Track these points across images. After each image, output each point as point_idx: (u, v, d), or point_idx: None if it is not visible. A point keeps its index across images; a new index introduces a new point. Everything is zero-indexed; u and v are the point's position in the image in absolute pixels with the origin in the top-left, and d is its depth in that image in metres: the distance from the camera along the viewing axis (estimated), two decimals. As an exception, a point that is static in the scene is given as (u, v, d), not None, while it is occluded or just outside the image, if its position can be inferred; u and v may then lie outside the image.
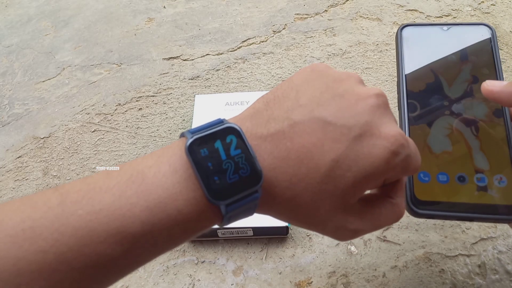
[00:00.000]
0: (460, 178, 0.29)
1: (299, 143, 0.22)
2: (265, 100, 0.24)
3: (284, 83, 0.25)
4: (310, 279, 0.39)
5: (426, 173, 0.30)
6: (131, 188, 0.21)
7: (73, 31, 0.69)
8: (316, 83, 0.24)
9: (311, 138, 0.22)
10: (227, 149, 0.22)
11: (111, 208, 0.21)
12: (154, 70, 0.61)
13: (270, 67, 0.59)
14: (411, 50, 0.33)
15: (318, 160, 0.22)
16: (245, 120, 0.24)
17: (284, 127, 0.23)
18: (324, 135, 0.22)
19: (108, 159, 0.51)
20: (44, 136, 0.55)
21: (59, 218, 0.20)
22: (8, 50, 0.68)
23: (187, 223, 0.22)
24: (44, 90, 0.61)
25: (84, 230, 0.20)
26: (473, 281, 0.37)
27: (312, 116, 0.23)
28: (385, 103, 0.24)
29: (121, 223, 0.20)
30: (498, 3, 0.63)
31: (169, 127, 0.53)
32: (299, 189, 0.22)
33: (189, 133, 0.22)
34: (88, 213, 0.20)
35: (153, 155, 0.23)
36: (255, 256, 0.41)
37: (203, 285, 0.39)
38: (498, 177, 0.29)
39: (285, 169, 0.22)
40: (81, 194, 0.21)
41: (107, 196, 0.21)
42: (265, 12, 0.68)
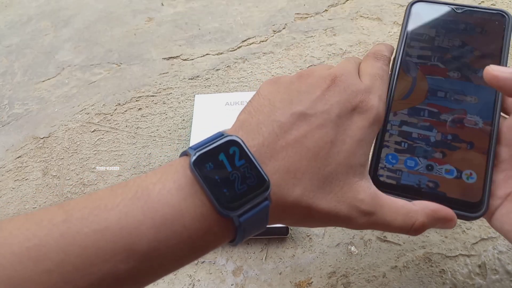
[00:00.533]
0: (428, 166, 0.28)
1: (292, 139, 0.24)
2: (247, 111, 0.26)
3: (254, 98, 0.27)
4: (310, 280, 0.39)
5: (395, 155, 0.28)
6: (137, 206, 0.21)
7: (73, 31, 0.69)
8: (281, 89, 0.26)
9: (300, 132, 0.24)
10: (232, 161, 0.22)
11: (117, 226, 0.20)
12: (154, 70, 0.61)
13: (270, 67, 0.58)
14: (417, 26, 0.32)
15: (313, 148, 0.24)
16: (237, 131, 0.25)
17: (275, 129, 0.24)
18: (309, 126, 0.24)
19: (108, 159, 0.51)
20: (44, 136, 0.55)
21: (64, 236, 0.20)
22: (8, 50, 0.68)
23: (194, 240, 0.22)
24: (44, 90, 0.60)
25: (90, 249, 0.20)
26: (474, 281, 0.37)
27: (292, 113, 0.25)
28: (347, 79, 0.27)
29: (127, 241, 0.20)
30: (499, 3, 0.63)
31: (169, 127, 0.53)
32: (306, 180, 0.23)
33: (191, 149, 0.23)
34: (94, 231, 0.20)
35: (156, 172, 0.23)
36: (255, 256, 0.41)
37: (203, 285, 0.39)
38: (468, 172, 0.27)
39: (288, 168, 0.23)
40: (86, 211, 0.21)
41: (112, 213, 0.21)
42: (265, 11, 0.68)
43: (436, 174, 0.28)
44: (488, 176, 0.27)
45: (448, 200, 0.27)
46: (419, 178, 0.28)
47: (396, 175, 0.28)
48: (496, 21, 0.31)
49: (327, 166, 0.24)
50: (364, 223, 0.25)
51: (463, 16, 0.32)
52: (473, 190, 0.27)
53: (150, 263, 0.21)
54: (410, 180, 0.28)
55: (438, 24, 0.32)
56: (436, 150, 0.28)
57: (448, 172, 0.27)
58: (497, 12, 0.31)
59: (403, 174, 0.28)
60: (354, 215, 0.24)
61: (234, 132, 0.25)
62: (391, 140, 0.29)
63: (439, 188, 0.27)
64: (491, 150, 0.28)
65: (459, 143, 0.28)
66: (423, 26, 0.32)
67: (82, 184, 0.49)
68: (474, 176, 0.27)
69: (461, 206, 0.27)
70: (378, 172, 0.28)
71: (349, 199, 0.24)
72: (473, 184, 0.27)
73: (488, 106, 0.29)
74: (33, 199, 0.48)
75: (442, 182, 0.27)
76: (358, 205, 0.24)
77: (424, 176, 0.28)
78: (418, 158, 0.28)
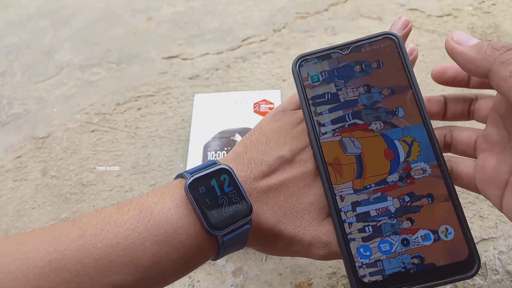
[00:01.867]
0: (404, 241, 0.25)
1: (275, 178, 0.27)
2: (244, 145, 0.29)
3: (256, 129, 0.30)
4: (310, 280, 0.38)
5: (366, 245, 0.25)
6: (142, 223, 0.24)
7: (72, 30, 0.69)
8: (280, 130, 0.30)
9: (283, 174, 0.28)
10: (221, 187, 0.26)
11: (126, 242, 0.23)
12: (153, 69, 0.61)
13: (270, 66, 0.58)
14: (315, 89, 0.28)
15: (291, 187, 0.27)
16: (230, 162, 0.28)
17: (263, 168, 0.28)
18: (291, 169, 0.28)
19: (107, 159, 0.51)
20: (43, 136, 0.54)
21: (81, 250, 0.22)
22: (7, 50, 0.67)
23: (189, 255, 0.25)
24: (43, 90, 0.60)
25: (104, 261, 0.22)
26: (474, 281, 0.37)
27: (281, 156, 0.28)
28: None
29: (135, 255, 0.23)
30: (499, 3, 0.63)
31: (168, 126, 0.53)
32: (281, 213, 0.27)
33: (187, 173, 0.26)
34: (106, 246, 0.23)
35: (156, 193, 0.26)
36: (255, 257, 0.40)
37: (203, 286, 0.39)
38: (444, 228, 0.25)
39: (267, 200, 0.27)
40: (99, 227, 0.23)
41: (121, 230, 0.23)
42: (265, 11, 0.67)
43: (415, 246, 0.25)
44: (463, 223, 0.25)
45: (441, 271, 0.24)
46: (402, 259, 0.24)
47: (378, 268, 0.25)
48: (387, 48, 0.28)
49: (301, 204, 0.27)
50: (325, 254, 0.27)
51: (353, 56, 0.28)
52: (457, 246, 0.24)
53: (153, 276, 0.24)
54: (394, 266, 0.24)
55: (332, 76, 0.28)
56: (402, 219, 0.25)
57: (425, 239, 0.25)
58: (383, 36, 0.28)
59: (384, 263, 0.25)
60: (315, 244, 0.27)
61: (226, 162, 0.28)
62: (353, 229, 0.25)
63: (426, 261, 0.24)
64: (452, 193, 0.25)
65: (419, 201, 0.25)
66: (321, 86, 0.28)
67: (81, 184, 0.49)
68: (451, 231, 0.25)
69: (455, 269, 0.24)
70: (359, 273, 0.24)
71: (315, 231, 0.27)
72: (454, 240, 0.25)
73: (426, 145, 0.26)
74: (33, 199, 0.48)
75: (425, 252, 0.24)
76: (320, 236, 0.27)
77: (405, 254, 0.25)
78: (389, 238, 0.25)
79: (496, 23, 0.60)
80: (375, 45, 0.28)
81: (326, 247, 0.26)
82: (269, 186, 0.27)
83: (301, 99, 0.28)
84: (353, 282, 0.24)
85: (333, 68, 0.28)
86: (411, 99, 0.27)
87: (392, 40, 0.28)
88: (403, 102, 0.27)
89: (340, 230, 0.26)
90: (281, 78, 0.57)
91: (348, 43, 0.29)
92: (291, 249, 0.27)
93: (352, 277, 0.25)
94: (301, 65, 0.29)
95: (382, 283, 0.24)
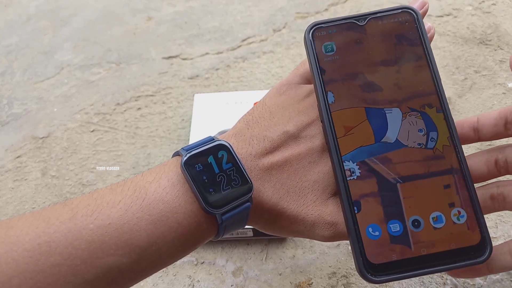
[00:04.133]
0: (415, 222, 0.24)
1: (278, 155, 0.26)
2: (245, 121, 0.28)
3: (259, 105, 0.29)
4: (310, 280, 0.38)
5: (375, 225, 0.24)
6: (136, 203, 0.23)
7: (72, 30, 0.69)
8: (285, 104, 0.28)
9: (287, 150, 0.26)
10: (220, 164, 0.24)
11: (120, 222, 0.22)
12: (153, 69, 0.61)
13: (270, 66, 0.58)
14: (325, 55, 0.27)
15: (295, 164, 0.26)
16: (230, 138, 0.27)
17: (265, 144, 0.26)
18: (296, 145, 0.27)
19: (107, 159, 0.51)
20: (43, 136, 0.54)
21: (72, 232, 0.21)
22: (7, 50, 0.67)
23: (186, 235, 0.24)
24: (43, 90, 0.60)
25: (96, 243, 0.21)
26: (474, 281, 0.37)
27: (285, 131, 0.27)
28: None
29: (129, 236, 0.22)
30: (499, 3, 0.63)
31: (168, 126, 0.53)
32: (282, 192, 0.26)
33: (183, 150, 0.25)
34: (98, 227, 0.22)
35: (151, 172, 0.25)
36: (255, 257, 0.41)
37: (203, 286, 0.39)
38: (456, 211, 0.24)
39: (269, 178, 0.26)
40: (90, 208, 0.22)
41: (114, 210, 0.22)
42: (265, 10, 0.67)
43: (426, 228, 0.24)
44: (476, 207, 0.24)
45: (452, 255, 0.23)
46: (412, 242, 0.24)
47: (387, 249, 0.24)
48: (405, 22, 0.27)
49: (305, 182, 0.26)
50: (329, 235, 0.26)
51: (369, 27, 0.27)
52: (469, 230, 0.24)
53: (149, 257, 0.23)
54: (403, 248, 0.23)
55: (347, 46, 0.27)
56: (414, 199, 0.24)
57: (437, 221, 0.24)
58: (402, 10, 0.27)
59: (394, 245, 0.24)
60: (319, 224, 0.26)
61: (226, 138, 0.27)
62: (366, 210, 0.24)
63: (436, 244, 0.24)
64: (467, 177, 0.24)
65: (432, 182, 0.24)
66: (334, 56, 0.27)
67: (81, 184, 0.49)
68: (464, 214, 0.24)
69: (466, 254, 0.24)
70: (367, 254, 0.23)
71: (318, 211, 0.26)
72: (466, 223, 0.24)
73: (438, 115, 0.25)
74: (32, 199, 0.48)
75: (436, 235, 0.24)
76: (325, 216, 0.26)
77: (416, 236, 0.24)
78: (399, 218, 0.24)
79: (496, 23, 0.60)
80: (392, 18, 0.27)
81: (331, 228, 0.25)
82: (272, 163, 0.26)
83: (313, 68, 0.27)
84: (361, 263, 0.23)
85: (348, 38, 0.27)
86: (427, 76, 0.26)
87: (410, 15, 0.27)
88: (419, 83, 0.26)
89: (348, 208, 0.24)
90: (281, 78, 0.57)
91: (365, 14, 0.27)
92: (293, 228, 0.26)
93: (360, 258, 0.23)
94: (314, 33, 0.27)
95: (391, 265, 0.23)
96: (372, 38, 0.27)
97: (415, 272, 0.23)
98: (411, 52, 0.27)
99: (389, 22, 0.27)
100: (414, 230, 0.24)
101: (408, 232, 0.24)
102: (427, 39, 0.27)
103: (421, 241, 0.24)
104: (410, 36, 0.27)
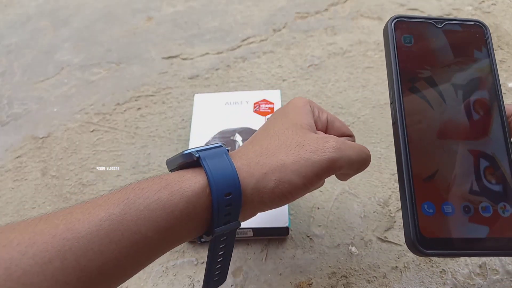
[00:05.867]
0: (466, 208, 0.26)
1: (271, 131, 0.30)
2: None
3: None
4: (310, 280, 0.38)
5: (430, 203, 0.26)
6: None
7: (72, 30, 0.69)
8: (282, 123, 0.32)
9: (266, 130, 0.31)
10: None
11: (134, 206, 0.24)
12: (153, 69, 0.61)
13: (270, 66, 0.58)
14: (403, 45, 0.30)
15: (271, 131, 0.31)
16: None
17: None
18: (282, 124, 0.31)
19: (107, 159, 0.51)
20: (43, 136, 0.54)
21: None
22: (7, 50, 0.67)
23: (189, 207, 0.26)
24: (43, 90, 0.60)
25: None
26: (474, 281, 0.37)
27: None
28: None
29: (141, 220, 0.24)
30: (499, 3, 0.63)
31: (168, 126, 0.53)
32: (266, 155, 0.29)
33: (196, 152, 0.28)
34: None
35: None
36: (255, 257, 0.40)
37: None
38: (502, 205, 0.26)
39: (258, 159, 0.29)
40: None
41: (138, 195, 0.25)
42: (265, 10, 0.67)
43: (474, 215, 0.26)
44: None
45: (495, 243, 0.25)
46: (461, 224, 0.25)
47: (438, 227, 0.25)
48: (476, 33, 0.30)
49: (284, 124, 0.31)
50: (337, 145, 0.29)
51: (445, 31, 0.30)
52: None
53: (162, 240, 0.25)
54: (452, 229, 0.25)
55: (425, 42, 0.30)
56: (467, 186, 0.26)
57: (485, 210, 0.26)
58: (474, 23, 0.30)
59: (445, 224, 0.25)
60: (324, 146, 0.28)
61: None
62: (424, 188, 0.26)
63: (481, 231, 0.25)
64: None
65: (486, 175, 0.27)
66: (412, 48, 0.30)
67: (81, 184, 0.49)
68: (509, 208, 0.26)
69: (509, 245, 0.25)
70: (420, 227, 0.25)
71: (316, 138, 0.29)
72: (511, 217, 0.26)
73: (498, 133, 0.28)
74: (32, 199, 0.48)
75: (483, 223, 0.26)
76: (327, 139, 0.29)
77: (465, 220, 0.26)
78: (452, 201, 0.26)
79: (496, 23, 0.60)
80: (466, 28, 0.30)
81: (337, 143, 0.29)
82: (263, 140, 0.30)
83: (391, 56, 0.29)
84: (414, 235, 0.25)
85: (426, 35, 0.30)
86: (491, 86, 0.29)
87: (481, 28, 0.30)
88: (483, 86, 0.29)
89: (408, 182, 0.26)
90: (281, 78, 0.57)
91: (443, 18, 0.30)
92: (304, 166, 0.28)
93: (413, 229, 0.25)
94: (396, 24, 0.30)
95: (439, 242, 0.25)
96: (446, 40, 0.30)
97: (461, 251, 0.25)
98: (478, 60, 0.30)
99: (463, 30, 0.30)
100: (464, 214, 0.26)
101: (459, 215, 0.26)
102: (493, 51, 0.30)
103: (469, 225, 0.25)
104: (479, 46, 0.30)
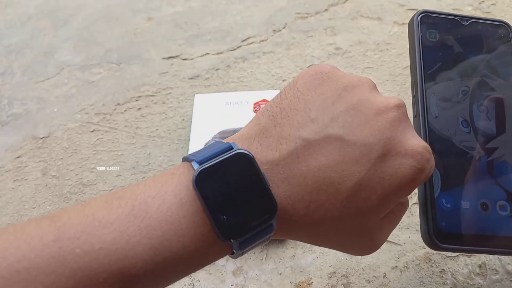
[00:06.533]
0: (483, 205, 0.26)
1: (315, 166, 0.20)
2: (272, 114, 0.22)
3: (289, 90, 0.23)
4: (310, 280, 0.39)
5: (448, 198, 0.25)
6: (134, 224, 0.19)
7: (72, 30, 0.69)
8: (325, 91, 0.22)
9: (328, 161, 0.20)
10: (238, 180, 0.20)
11: (112, 247, 0.19)
12: (153, 69, 0.61)
13: (270, 67, 0.58)
14: (428, 40, 0.29)
15: (338, 185, 0.20)
16: (253, 140, 0.22)
17: (298, 149, 0.21)
18: (342, 157, 0.20)
19: (107, 159, 0.51)
20: (43, 136, 0.54)
21: (55, 257, 0.19)
22: (7, 50, 0.67)
23: (193, 258, 0.20)
24: (43, 90, 0.60)
25: (83, 271, 0.19)
26: (474, 281, 0.37)
27: (327, 134, 0.21)
28: (405, 115, 0.22)
29: (122, 264, 0.19)
30: (499, 3, 0.63)
31: (168, 126, 0.53)
32: (317, 216, 0.21)
33: (196, 162, 0.21)
34: (86, 253, 0.19)
35: (156, 183, 0.21)
36: (255, 257, 0.41)
37: (203, 286, 0.39)
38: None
39: (302, 196, 0.20)
40: (79, 229, 0.19)
41: (106, 232, 0.19)
42: (265, 11, 0.67)
43: (491, 212, 0.26)
44: None
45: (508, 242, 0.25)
46: (478, 220, 0.25)
47: (455, 222, 0.25)
48: (501, 34, 0.30)
49: (347, 209, 0.21)
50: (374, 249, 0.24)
51: (471, 29, 0.30)
52: None
53: (145, 284, 0.20)
54: (468, 225, 0.25)
55: (450, 38, 0.30)
56: (486, 184, 0.26)
57: (502, 209, 0.26)
58: (499, 23, 0.31)
59: (462, 220, 0.25)
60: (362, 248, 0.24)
61: (248, 141, 0.22)
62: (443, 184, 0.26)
63: (498, 229, 0.25)
64: None
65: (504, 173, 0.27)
66: (437, 43, 0.29)
67: (82, 184, 0.49)
68: None
69: None
70: (438, 220, 0.25)
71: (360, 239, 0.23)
72: None
73: None
74: (33, 199, 0.48)
75: (500, 221, 0.25)
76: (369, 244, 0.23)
77: (482, 217, 0.25)
78: (470, 198, 0.26)
79: (496, 23, 0.60)
80: (491, 27, 0.30)
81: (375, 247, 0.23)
82: (305, 177, 0.21)
83: (416, 50, 0.29)
84: (430, 228, 0.24)
85: (451, 32, 0.30)
86: None
87: (505, 28, 0.30)
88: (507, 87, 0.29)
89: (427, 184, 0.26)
90: (281, 78, 0.57)
91: (468, 16, 0.30)
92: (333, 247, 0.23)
93: (430, 223, 0.24)
94: (422, 18, 0.30)
95: (455, 236, 0.25)
96: (471, 38, 0.30)
97: (475, 248, 0.25)
98: (502, 59, 0.30)
99: (487, 30, 0.30)
100: (481, 211, 0.25)
101: (476, 211, 0.25)
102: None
103: (485, 223, 0.25)
104: (503, 45, 0.30)
